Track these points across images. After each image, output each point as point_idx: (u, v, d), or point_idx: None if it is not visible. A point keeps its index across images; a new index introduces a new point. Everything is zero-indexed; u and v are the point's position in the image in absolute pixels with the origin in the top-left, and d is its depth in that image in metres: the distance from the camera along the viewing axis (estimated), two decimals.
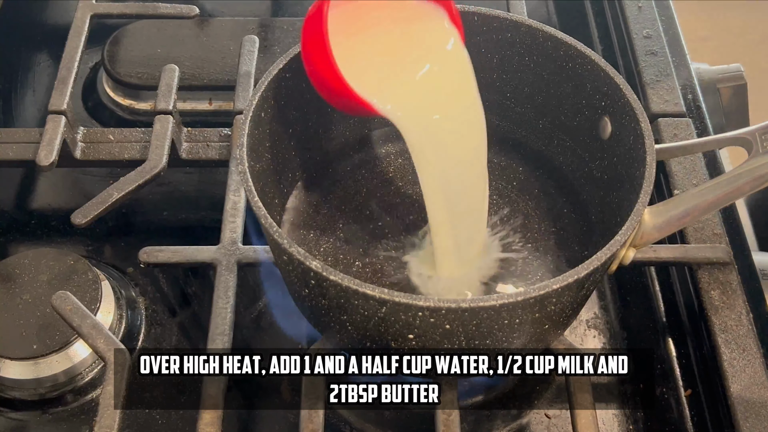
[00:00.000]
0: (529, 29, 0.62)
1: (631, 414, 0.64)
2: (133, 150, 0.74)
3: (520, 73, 0.65)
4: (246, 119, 0.56)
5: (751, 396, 0.59)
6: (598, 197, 0.63)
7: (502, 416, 0.64)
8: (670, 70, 0.80)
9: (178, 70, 0.77)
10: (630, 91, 0.58)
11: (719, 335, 0.62)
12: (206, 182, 0.79)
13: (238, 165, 0.54)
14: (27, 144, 0.73)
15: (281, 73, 0.60)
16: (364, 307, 0.51)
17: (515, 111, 0.67)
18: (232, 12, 0.93)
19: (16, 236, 0.76)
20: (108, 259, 0.73)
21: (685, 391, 0.65)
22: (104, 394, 0.57)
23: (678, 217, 0.57)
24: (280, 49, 0.84)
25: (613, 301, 0.71)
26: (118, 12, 0.83)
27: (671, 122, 0.76)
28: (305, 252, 0.50)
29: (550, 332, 0.57)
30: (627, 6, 0.86)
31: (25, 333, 0.63)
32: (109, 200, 0.68)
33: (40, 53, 0.93)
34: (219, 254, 0.65)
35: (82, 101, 0.86)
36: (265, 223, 0.52)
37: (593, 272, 0.50)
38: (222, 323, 0.61)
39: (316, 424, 0.55)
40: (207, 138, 0.76)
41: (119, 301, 0.68)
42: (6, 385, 0.63)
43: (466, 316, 0.49)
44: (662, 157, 0.66)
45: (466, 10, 0.63)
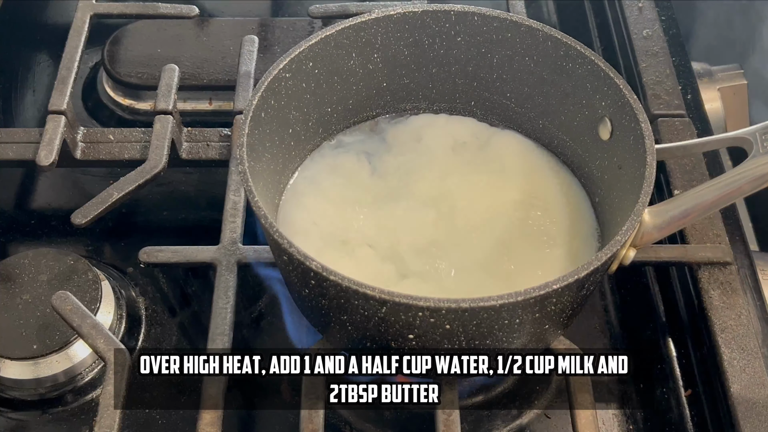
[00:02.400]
0: (529, 29, 0.62)
1: (631, 414, 0.64)
2: (133, 150, 0.74)
3: (520, 73, 0.65)
4: (246, 119, 0.56)
5: (751, 396, 0.59)
6: (598, 197, 0.63)
7: (502, 416, 0.64)
8: (671, 70, 0.80)
9: (178, 70, 0.77)
10: (630, 91, 0.58)
11: (719, 335, 0.62)
12: (206, 182, 0.79)
13: (238, 165, 0.54)
14: (27, 144, 0.73)
15: (281, 73, 0.60)
16: (364, 307, 0.51)
17: (515, 111, 0.67)
18: (232, 12, 0.93)
19: (16, 236, 0.76)
20: (108, 259, 0.73)
21: (685, 391, 0.65)
22: (104, 394, 0.57)
23: (678, 217, 0.57)
24: (280, 49, 0.84)
25: (613, 301, 0.71)
26: (118, 12, 0.83)
27: (671, 122, 0.76)
28: (305, 252, 0.50)
29: (550, 332, 0.57)
30: (627, 6, 0.86)
31: (25, 333, 0.63)
32: (109, 200, 0.68)
33: (40, 53, 0.93)
34: (219, 254, 0.65)
35: (82, 101, 0.86)
36: (265, 223, 0.52)
37: (593, 272, 0.50)
38: (222, 323, 0.61)
39: (316, 424, 0.55)
40: (207, 138, 0.76)
41: (119, 301, 0.68)
42: (6, 385, 0.63)
43: (466, 316, 0.49)
44: (662, 157, 0.66)
45: (466, 10, 0.63)
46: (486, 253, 0.61)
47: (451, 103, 0.69)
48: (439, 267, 0.60)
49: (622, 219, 0.53)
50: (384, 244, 0.61)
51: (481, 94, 0.67)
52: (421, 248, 0.61)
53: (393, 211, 0.63)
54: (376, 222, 0.62)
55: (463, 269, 0.60)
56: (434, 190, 0.64)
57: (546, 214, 0.63)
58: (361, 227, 0.62)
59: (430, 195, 0.64)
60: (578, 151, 0.65)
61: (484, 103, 0.68)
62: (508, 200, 0.64)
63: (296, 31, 0.87)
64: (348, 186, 0.65)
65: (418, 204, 0.63)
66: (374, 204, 0.64)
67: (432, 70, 0.66)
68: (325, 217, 0.63)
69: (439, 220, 0.63)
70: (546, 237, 0.62)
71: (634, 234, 0.55)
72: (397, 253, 0.61)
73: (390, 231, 0.62)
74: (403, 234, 0.62)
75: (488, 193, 0.64)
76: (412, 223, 0.62)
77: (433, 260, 0.60)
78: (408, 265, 0.60)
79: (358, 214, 0.63)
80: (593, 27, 0.91)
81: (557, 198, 0.64)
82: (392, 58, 0.65)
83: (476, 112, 0.69)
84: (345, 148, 0.67)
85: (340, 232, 0.62)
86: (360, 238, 0.62)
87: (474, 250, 0.61)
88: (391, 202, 0.64)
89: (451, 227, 0.62)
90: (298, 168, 0.66)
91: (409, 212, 0.63)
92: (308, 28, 0.87)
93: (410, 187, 0.65)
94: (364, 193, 0.64)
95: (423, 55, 0.65)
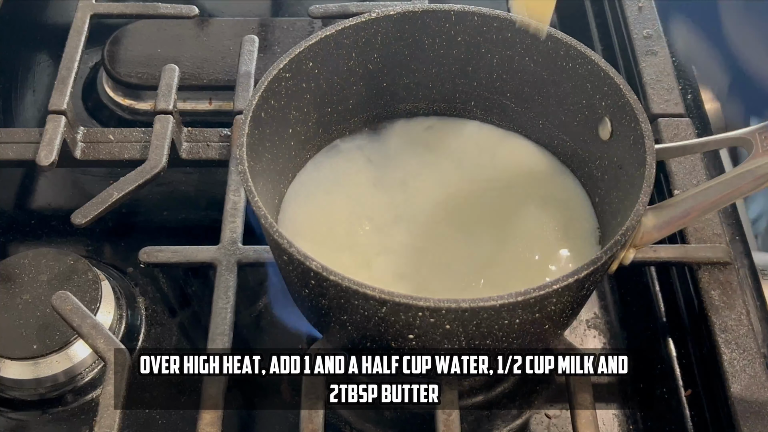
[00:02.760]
0: None
1: (631, 414, 0.64)
2: (133, 150, 0.74)
3: (520, 73, 0.65)
4: (246, 119, 0.56)
5: (751, 396, 0.59)
6: (598, 197, 0.63)
7: (502, 416, 0.64)
8: (670, 70, 0.80)
9: (178, 70, 0.77)
10: (630, 91, 0.58)
11: (719, 335, 0.62)
12: (206, 182, 0.79)
13: (238, 165, 0.54)
14: (27, 144, 0.73)
15: (281, 73, 0.60)
16: (364, 307, 0.51)
17: (515, 111, 0.67)
18: (232, 12, 0.93)
19: (16, 236, 0.76)
20: (108, 259, 0.73)
21: (685, 391, 0.65)
22: (104, 394, 0.57)
23: (678, 217, 0.57)
24: (280, 49, 0.84)
25: (613, 301, 0.71)
26: (118, 12, 0.83)
27: (671, 122, 0.76)
28: (305, 252, 0.50)
29: (550, 332, 0.57)
30: (627, 6, 0.86)
31: (25, 333, 0.63)
32: (109, 200, 0.68)
33: (40, 53, 0.93)
34: (219, 254, 0.65)
35: (82, 101, 0.86)
36: (265, 223, 0.52)
37: (593, 272, 0.50)
38: (222, 323, 0.61)
39: (316, 424, 0.55)
40: (207, 138, 0.76)
41: (119, 301, 0.68)
42: (6, 385, 0.63)
43: (466, 316, 0.49)
44: (662, 157, 0.66)
45: (466, 10, 0.63)
46: (486, 253, 0.61)
47: (451, 103, 0.69)
48: (440, 266, 0.60)
49: (622, 219, 0.53)
50: (384, 243, 0.61)
51: (481, 94, 0.67)
52: (422, 248, 0.61)
53: (394, 211, 0.63)
54: (377, 221, 0.63)
55: (463, 269, 0.60)
56: (435, 189, 0.64)
57: (546, 213, 0.63)
58: (361, 227, 0.62)
59: (430, 194, 0.64)
60: (578, 151, 0.65)
61: (484, 103, 0.68)
62: (508, 200, 0.64)
63: (296, 31, 0.87)
64: (348, 186, 0.65)
65: (420, 205, 0.63)
66: (375, 203, 0.64)
67: (432, 70, 0.66)
68: (326, 216, 0.63)
69: (440, 219, 0.63)
70: (546, 237, 0.62)
71: (634, 234, 0.55)
72: (397, 252, 0.61)
73: (391, 230, 0.62)
74: (403, 233, 0.62)
75: (488, 194, 0.64)
76: (414, 223, 0.62)
77: (433, 260, 0.60)
78: (408, 264, 0.60)
79: (359, 214, 0.63)
80: (593, 27, 0.91)
81: (557, 198, 0.64)
82: (392, 58, 0.65)
83: (476, 112, 0.69)
84: (345, 148, 0.67)
85: (340, 231, 0.62)
86: (361, 238, 0.62)
87: (474, 249, 0.61)
88: (392, 201, 0.64)
89: (452, 226, 0.62)
90: (299, 168, 0.66)
91: (410, 212, 0.63)
92: (308, 28, 0.87)
93: (411, 188, 0.65)
94: (365, 193, 0.64)
95: (423, 55, 0.65)
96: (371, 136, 0.69)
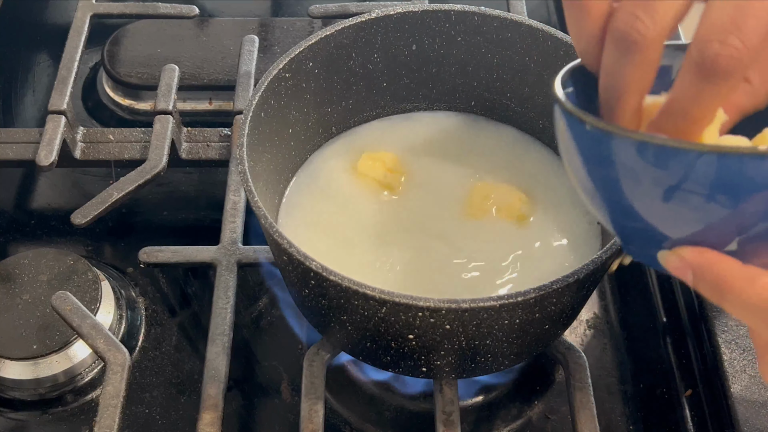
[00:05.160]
0: (529, 29, 0.62)
1: (631, 414, 0.64)
2: (133, 150, 0.74)
3: (520, 73, 0.65)
4: (246, 119, 0.56)
5: (751, 396, 0.59)
6: None
7: (502, 416, 0.64)
8: None
9: (178, 70, 0.77)
10: None
11: (719, 335, 0.62)
12: (206, 182, 0.79)
13: (238, 165, 0.54)
14: (27, 144, 0.73)
15: (281, 73, 0.60)
16: (364, 307, 0.51)
17: (515, 111, 0.67)
18: (232, 12, 0.93)
19: (16, 236, 0.76)
20: (108, 259, 0.73)
21: (685, 391, 0.65)
22: (104, 394, 0.57)
23: None
24: (280, 49, 0.84)
25: (613, 301, 0.71)
26: (118, 12, 0.83)
27: None
28: (305, 252, 0.50)
29: (550, 332, 0.57)
30: None
31: (25, 333, 0.63)
32: (109, 200, 0.68)
33: (40, 53, 0.93)
34: (219, 254, 0.65)
35: (82, 101, 0.86)
36: (265, 223, 0.52)
37: (593, 272, 0.50)
38: (222, 323, 0.61)
39: (316, 424, 0.55)
40: (207, 138, 0.76)
41: (119, 301, 0.68)
42: (6, 385, 0.63)
43: (466, 316, 0.49)
44: None
45: (466, 10, 0.63)
46: (486, 253, 0.61)
47: (451, 103, 0.69)
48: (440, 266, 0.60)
49: None
50: (385, 243, 0.61)
51: (481, 94, 0.67)
52: (422, 247, 0.61)
53: (395, 211, 0.63)
54: (377, 221, 0.63)
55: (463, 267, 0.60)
56: (435, 188, 0.64)
57: (546, 213, 0.63)
58: (362, 227, 0.62)
59: (431, 193, 0.64)
60: None
61: (484, 103, 0.68)
62: (509, 201, 0.64)
63: (296, 31, 0.87)
64: (348, 186, 0.65)
65: (421, 204, 0.63)
66: (375, 203, 0.64)
67: (432, 70, 0.66)
68: (326, 216, 0.63)
69: (441, 218, 0.63)
70: (547, 237, 0.62)
71: None
72: (397, 251, 0.61)
73: (391, 229, 0.62)
74: (404, 233, 0.62)
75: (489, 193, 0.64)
76: (414, 223, 0.62)
77: (434, 259, 0.60)
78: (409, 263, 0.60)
79: (360, 214, 0.63)
80: None
81: (558, 197, 0.64)
82: (392, 58, 0.65)
83: (476, 112, 0.69)
84: (345, 148, 0.67)
85: (340, 231, 0.62)
86: (361, 238, 0.62)
87: (474, 248, 0.61)
88: (392, 200, 0.64)
89: (452, 226, 0.62)
90: (299, 168, 0.66)
91: (411, 212, 0.63)
92: (308, 28, 0.87)
93: (411, 189, 0.65)
94: (365, 193, 0.64)
95: (423, 55, 0.65)
96: (373, 136, 0.69)
